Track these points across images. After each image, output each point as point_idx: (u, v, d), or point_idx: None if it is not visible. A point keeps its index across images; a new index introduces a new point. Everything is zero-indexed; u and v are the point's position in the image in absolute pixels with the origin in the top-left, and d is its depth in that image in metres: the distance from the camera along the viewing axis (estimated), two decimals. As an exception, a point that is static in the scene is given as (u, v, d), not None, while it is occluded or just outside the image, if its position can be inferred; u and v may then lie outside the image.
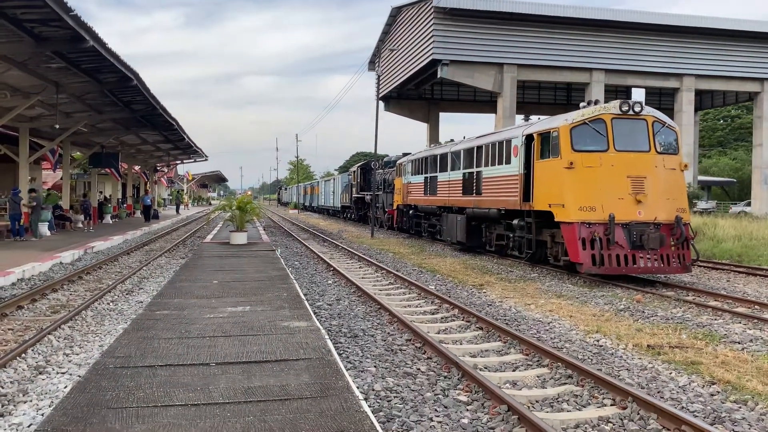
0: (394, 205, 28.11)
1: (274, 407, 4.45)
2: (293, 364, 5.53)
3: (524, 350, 7.24)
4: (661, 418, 5.04)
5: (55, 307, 9.68)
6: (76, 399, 4.56)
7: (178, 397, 4.63)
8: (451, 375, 6.26)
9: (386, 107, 44.65)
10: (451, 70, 33.41)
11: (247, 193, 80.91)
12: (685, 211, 12.85)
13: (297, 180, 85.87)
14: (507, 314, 9.55)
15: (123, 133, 27.49)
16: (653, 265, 12.36)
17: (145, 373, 5.24)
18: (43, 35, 12.82)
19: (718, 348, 7.48)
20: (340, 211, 43.60)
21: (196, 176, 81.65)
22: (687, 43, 35.27)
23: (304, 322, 7.31)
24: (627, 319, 9.22)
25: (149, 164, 45.36)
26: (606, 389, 5.75)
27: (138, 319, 7.56)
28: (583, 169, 12.56)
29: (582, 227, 12.23)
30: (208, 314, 7.74)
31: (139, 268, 14.17)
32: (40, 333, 7.55)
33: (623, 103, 12.91)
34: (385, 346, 7.43)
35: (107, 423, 4.11)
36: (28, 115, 20.25)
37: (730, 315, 9.57)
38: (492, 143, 16.61)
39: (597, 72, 34.61)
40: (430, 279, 13.40)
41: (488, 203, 16.67)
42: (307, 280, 12.91)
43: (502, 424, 4.98)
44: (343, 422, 4.17)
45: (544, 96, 45.00)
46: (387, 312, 9.24)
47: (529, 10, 32.79)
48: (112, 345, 6.27)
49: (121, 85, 17.57)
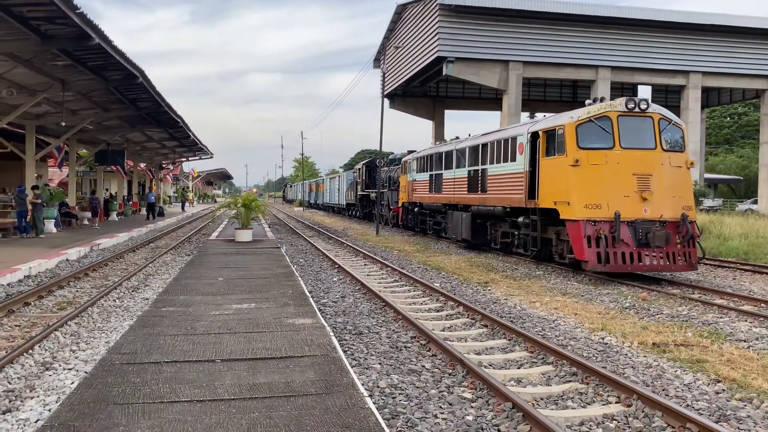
0: (399, 203, 28.11)
1: (279, 404, 4.47)
2: (298, 361, 5.54)
3: (529, 348, 7.24)
4: (665, 415, 5.04)
5: (62, 303, 9.73)
6: (83, 395, 4.59)
7: (183, 393, 4.65)
8: (456, 372, 6.26)
9: (391, 105, 44.59)
10: (457, 68, 33.33)
11: (253, 191, 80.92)
12: (691, 208, 12.80)
13: (302, 177, 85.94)
14: (512, 312, 9.55)
15: (129, 130, 27.59)
16: (659, 263, 12.32)
17: (151, 369, 5.26)
18: (49, 33, 12.86)
19: (724, 346, 7.46)
20: (345, 208, 43.61)
21: (202, 174, 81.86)
22: (694, 40, 35.07)
23: (309, 319, 7.33)
24: (632, 316, 9.20)
25: (155, 161, 45.51)
26: (611, 387, 5.75)
27: (144, 315, 7.60)
28: (588, 167, 12.53)
29: (587, 225, 12.20)
30: (214, 311, 7.77)
31: (145, 265, 14.22)
32: (47, 329, 7.59)
33: (629, 101, 12.86)
34: (390, 343, 7.44)
35: (113, 418, 4.13)
36: (34, 113, 20.35)
37: (736, 313, 9.54)
38: (497, 141, 16.58)
39: (603, 69, 34.46)
40: (435, 276, 13.40)
41: (493, 201, 16.65)
42: (312, 278, 12.93)
43: (506, 422, 4.98)
44: (348, 419, 4.19)
45: (550, 93, 44.85)
46: (392, 309, 9.25)
47: (535, 6, 32.67)
48: (118, 341, 6.31)
49: (127, 82, 17.63)
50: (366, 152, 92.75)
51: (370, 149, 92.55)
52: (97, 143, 29.87)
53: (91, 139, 28.87)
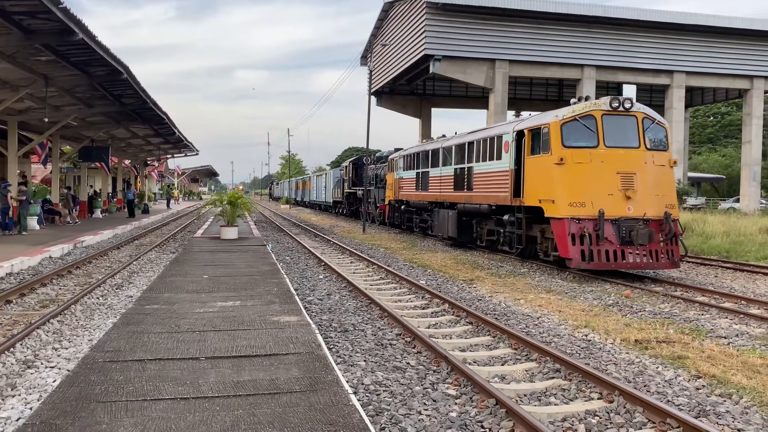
0: (386, 201, 28.12)
1: (263, 401, 4.47)
2: (283, 359, 5.54)
3: (513, 345, 7.29)
4: (646, 411, 5.10)
5: (44, 301, 9.64)
6: (65, 393, 4.56)
7: (167, 391, 4.64)
8: (441, 369, 6.29)
9: (378, 102, 44.57)
10: (444, 66, 33.39)
11: (239, 188, 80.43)
12: (674, 207, 12.94)
13: (289, 175, 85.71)
14: (497, 309, 9.60)
15: (113, 126, 27.30)
16: (642, 261, 12.45)
17: (135, 367, 5.24)
18: (31, 28, 12.70)
19: (705, 343, 7.56)
20: (332, 206, 43.55)
21: (187, 171, 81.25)
22: (678, 39, 35.40)
23: (295, 317, 7.33)
24: (615, 314, 9.29)
25: (140, 158, 45.12)
26: (593, 383, 5.81)
27: (128, 313, 7.55)
28: (573, 165, 12.62)
29: (572, 223, 12.30)
30: (198, 309, 7.74)
31: (129, 263, 14.12)
32: (29, 327, 7.52)
33: (613, 100, 12.97)
34: (375, 340, 7.46)
35: (96, 416, 4.11)
36: (16, 108, 20.07)
37: (717, 310, 9.67)
38: (483, 139, 16.65)
39: (588, 68, 34.68)
40: (421, 274, 13.44)
41: (479, 199, 16.72)
42: (298, 275, 12.91)
43: (490, 418, 5.02)
44: (332, 416, 4.20)
45: (536, 92, 45.06)
46: (377, 307, 9.27)
47: (521, 5, 32.79)
48: (102, 339, 6.27)
49: (112, 78, 17.45)
50: (353, 150, 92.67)
51: (358, 147, 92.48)
52: (81, 139, 29.54)
53: (74, 135, 28.54)
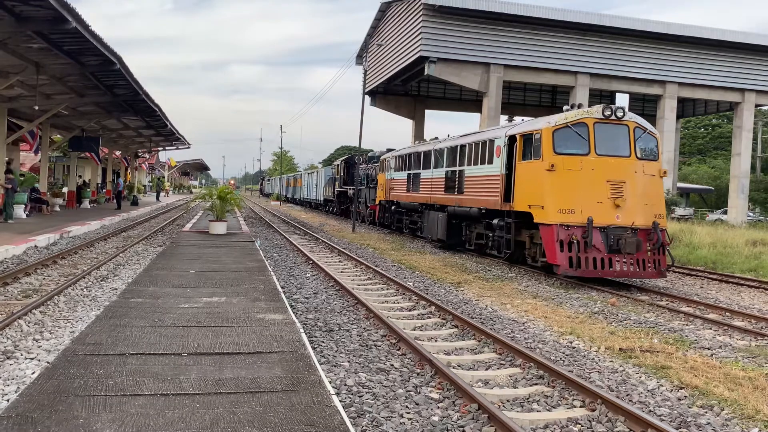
0: (377, 201, 28.09)
1: (244, 399, 4.43)
2: (266, 357, 5.50)
3: (498, 349, 7.29)
4: (628, 420, 5.11)
5: (27, 291, 9.54)
6: (43, 386, 4.50)
7: (147, 387, 4.59)
8: (424, 372, 6.28)
9: (372, 102, 44.53)
10: (439, 68, 33.41)
11: (230, 183, 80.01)
12: (662, 216, 13.01)
13: (280, 171, 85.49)
14: (483, 313, 9.60)
15: (104, 117, 27.10)
16: (629, 270, 12.50)
17: (116, 361, 5.18)
18: (24, 14, 12.57)
19: (688, 353, 7.59)
20: (323, 204, 43.47)
21: (178, 163, 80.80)
22: (671, 50, 35.64)
23: (280, 315, 7.28)
24: (601, 321, 9.32)
25: (130, 150, 44.81)
26: (576, 391, 5.82)
27: (111, 306, 7.48)
28: (563, 172, 12.66)
29: (560, 229, 12.33)
30: (183, 304, 7.68)
31: (116, 255, 14.01)
32: (10, 317, 7.43)
33: (606, 108, 13.03)
34: (360, 341, 7.44)
35: (73, 411, 4.06)
36: (6, 95, 19.88)
37: (702, 321, 9.72)
38: (475, 143, 16.67)
39: (582, 75, 34.83)
40: (409, 275, 13.42)
41: (469, 202, 16.74)
42: (285, 273, 12.86)
43: (471, 423, 5.00)
44: (313, 416, 4.17)
45: (530, 98, 45.21)
46: (364, 307, 9.25)
47: (518, 11, 32.87)
48: (84, 332, 6.19)
49: (104, 68, 17.31)
50: (345, 148, 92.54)
51: (350, 145, 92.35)
52: (71, 129, 29.30)
53: (65, 124, 28.30)
